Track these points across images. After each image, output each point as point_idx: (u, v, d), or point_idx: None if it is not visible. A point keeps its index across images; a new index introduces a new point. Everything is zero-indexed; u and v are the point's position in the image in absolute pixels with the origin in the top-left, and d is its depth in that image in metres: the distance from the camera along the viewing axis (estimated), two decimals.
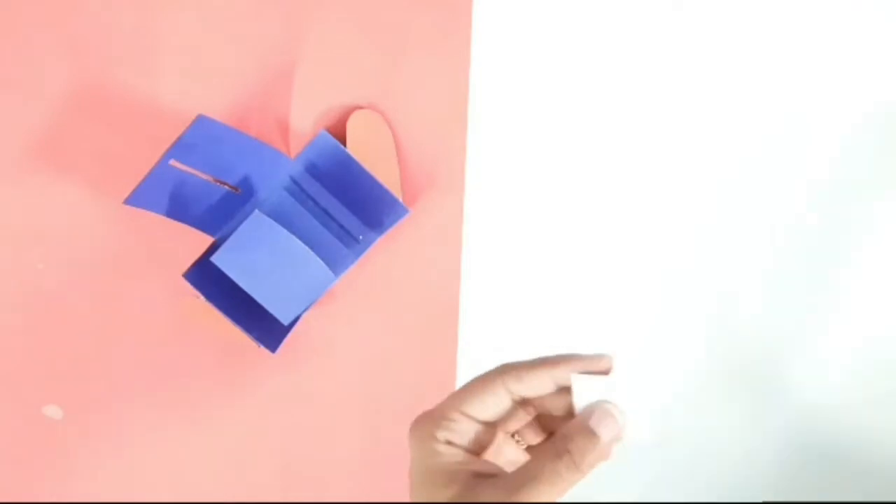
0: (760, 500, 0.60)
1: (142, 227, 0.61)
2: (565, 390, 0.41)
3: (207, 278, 0.58)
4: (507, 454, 0.43)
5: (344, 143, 0.60)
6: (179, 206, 0.59)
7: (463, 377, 0.61)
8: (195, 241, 0.60)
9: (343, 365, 0.62)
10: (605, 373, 0.41)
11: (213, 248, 0.59)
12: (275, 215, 0.59)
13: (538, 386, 0.41)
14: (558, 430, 0.40)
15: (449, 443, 0.41)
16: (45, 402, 0.62)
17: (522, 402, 0.42)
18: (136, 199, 0.56)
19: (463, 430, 0.41)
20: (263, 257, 0.57)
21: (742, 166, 0.61)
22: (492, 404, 0.42)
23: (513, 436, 0.44)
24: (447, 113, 0.61)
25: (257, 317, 0.59)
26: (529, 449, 0.44)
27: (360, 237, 0.60)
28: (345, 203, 0.60)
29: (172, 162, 0.57)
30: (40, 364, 0.62)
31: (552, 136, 0.61)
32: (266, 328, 0.59)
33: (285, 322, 0.59)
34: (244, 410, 0.62)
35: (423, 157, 0.61)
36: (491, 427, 0.42)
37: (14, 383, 0.62)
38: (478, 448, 0.42)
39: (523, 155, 0.61)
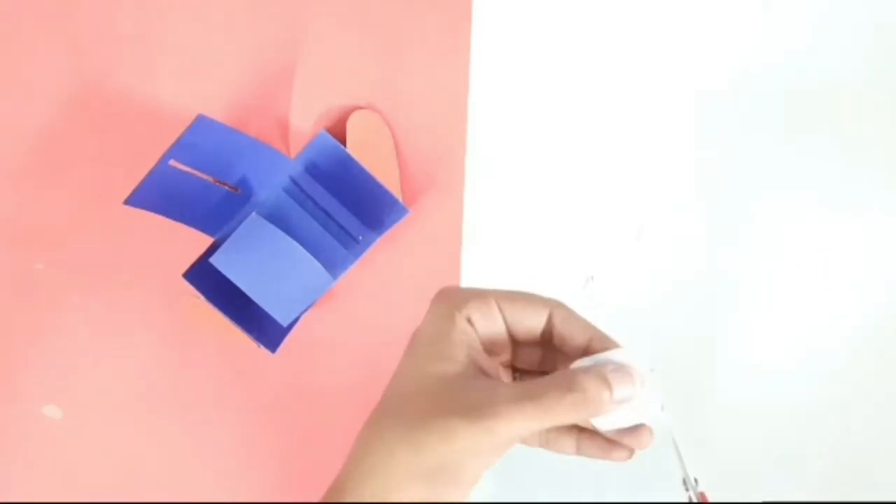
0: (760, 500, 0.60)
1: (142, 227, 0.61)
2: None
3: (207, 278, 0.58)
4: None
5: (344, 143, 0.60)
6: (179, 207, 0.59)
7: None
8: (195, 241, 0.60)
9: (343, 365, 0.62)
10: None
11: (212, 249, 0.59)
12: (274, 216, 0.59)
13: (575, 342, 0.39)
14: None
15: (469, 321, 0.39)
16: (45, 402, 0.62)
17: (541, 348, 0.41)
18: (136, 199, 0.56)
19: (489, 320, 0.39)
20: (262, 259, 0.57)
21: (745, 165, 0.61)
22: (526, 320, 0.40)
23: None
24: (447, 113, 0.61)
25: (257, 317, 0.59)
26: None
27: (360, 237, 0.60)
28: (344, 203, 0.60)
29: (172, 162, 0.57)
30: (40, 364, 0.62)
31: (552, 135, 0.61)
32: (266, 328, 0.59)
33: (284, 324, 0.59)
34: (244, 410, 0.62)
35: (423, 157, 0.61)
36: (505, 340, 0.40)
37: (14, 383, 0.62)
38: (487, 348, 0.40)
39: (523, 155, 0.61)
